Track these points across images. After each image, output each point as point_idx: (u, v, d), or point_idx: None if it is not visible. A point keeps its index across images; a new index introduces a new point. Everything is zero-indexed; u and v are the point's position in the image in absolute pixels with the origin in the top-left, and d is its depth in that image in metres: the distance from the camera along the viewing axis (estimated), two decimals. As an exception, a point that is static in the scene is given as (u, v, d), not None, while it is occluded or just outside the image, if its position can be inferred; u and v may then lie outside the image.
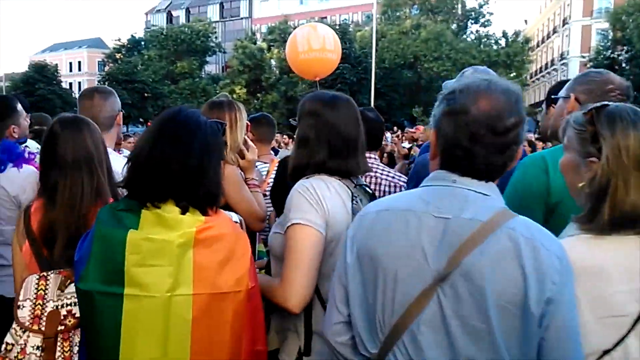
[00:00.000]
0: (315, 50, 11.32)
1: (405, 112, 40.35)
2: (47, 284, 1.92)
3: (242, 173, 2.74)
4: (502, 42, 38.94)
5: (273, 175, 3.43)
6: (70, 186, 1.99)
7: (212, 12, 62.91)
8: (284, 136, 16.40)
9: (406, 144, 10.39)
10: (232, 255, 1.67)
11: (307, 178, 1.93)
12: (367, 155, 2.75)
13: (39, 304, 1.90)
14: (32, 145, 3.08)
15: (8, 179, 2.75)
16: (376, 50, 27.39)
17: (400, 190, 2.71)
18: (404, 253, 1.41)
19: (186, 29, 49.03)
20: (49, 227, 1.98)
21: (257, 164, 3.30)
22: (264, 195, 2.99)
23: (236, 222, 2.03)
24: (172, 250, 1.59)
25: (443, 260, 1.35)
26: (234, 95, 42.63)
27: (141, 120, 44.63)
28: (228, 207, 2.46)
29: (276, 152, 11.66)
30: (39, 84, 41.70)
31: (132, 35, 53.16)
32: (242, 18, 62.02)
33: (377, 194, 2.69)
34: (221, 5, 63.20)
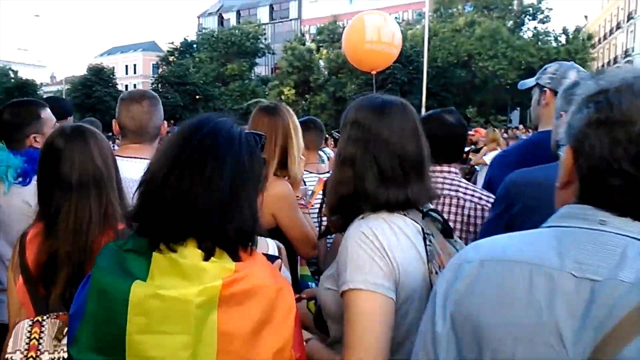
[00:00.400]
0: (384, 43, 10.53)
1: (459, 113, 39.13)
2: (42, 332, 1.54)
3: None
4: (562, 39, 37.06)
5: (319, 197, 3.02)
6: (75, 211, 1.61)
7: (262, 14, 63.35)
8: (331, 141, 15.96)
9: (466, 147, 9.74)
10: (271, 316, 1.20)
11: (362, 219, 1.47)
12: (447, 168, 2.26)
13: (32, 356, 1.52)
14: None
15: (32, 192, 2.42)
16: (428, 49, 26.53)
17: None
18: (526, 330, 0.90)
19: (236, 31, 49.55)
20: (48, 261, 1.60)
21: (304, 174, 2.88)
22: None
23: (275, 258, 1.59)
24: (189, 312, 1.13)
25: (589, 347, 0.84)
26: (282, 97, 42.69)
27: (192, 121, 45.42)
28: (274, 231, 2.05)
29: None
30: (96, 87, 43.14)
31: (184, 39, 54.34)
32: (291, 19, 62.16)
33: (457, 218, 2.18)
34: (271, 7, 63.56)
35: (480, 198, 2.22)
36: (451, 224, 2.17)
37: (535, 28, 38.57)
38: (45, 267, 1.60)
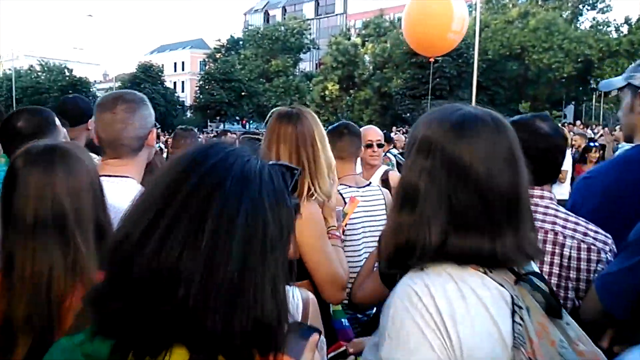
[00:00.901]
0: (458, 33, 10.07)
1: (510, 108, 37.55)
2: None
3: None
4: (624, 29, 34.85)
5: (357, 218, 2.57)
6: (32, 260, 1.17)
7: (308, 10, 63.07)
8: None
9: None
10: None
11: (418, 270, 1.02)
12: (540, 192, 1.71)
13: None
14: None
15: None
16: (479, 42, 25.45)
17: (600, 256, 1.60)
18: None
19: (281, 27, 49.49)
20: (2, 326, 1.18)
21: (339, 187, 2.42)
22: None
23: (311, 332, 1.09)
24: None
25: None
26: (326, 92, 42.30)
27: (237, 118, 45.68)
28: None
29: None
30: (144, 84, 44.01)
31: (231, 36, 54.79)
32: (337, 14, 61.57)
33: (554, 260, 1.61)
34: (316, 2, 63.18)
35: (585, 234, 1.64)
36: (545, 267, 1.62)
37: (594, 18, 36.47)
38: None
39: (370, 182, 2.76)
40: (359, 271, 2.21)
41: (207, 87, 43.10)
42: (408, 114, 35.27)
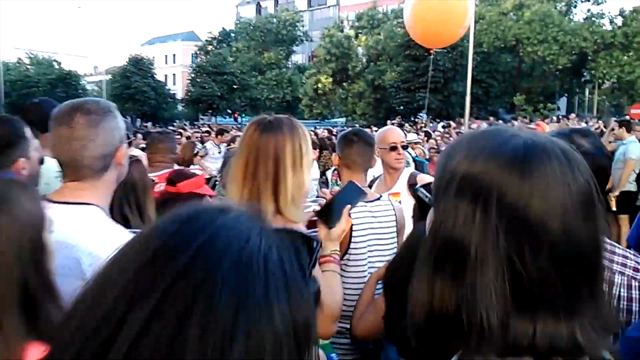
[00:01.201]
0: (466, 28, 10.38)
1: (504, 101, 37.34)
2: None
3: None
4: (618, 21, 34.63)
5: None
6: None
7: (300, 1, 62.46)
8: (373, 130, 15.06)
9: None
10: None
11: None
12: None
13: None
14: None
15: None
16: (473, 34, 25.14)
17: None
18: None
19: (273, 18, 48.95)
20: None
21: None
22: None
23: None
24: None
25: None
26: (319, 85, 41.90)
27: (229, 111, 45.20)
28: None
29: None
30: (135, 77, 43.40)
31: (222, 28, 54.20)
32: (329, 6, 61.03)
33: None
34: (309, -7, 62.66)
35: (636, 269, 1.36)
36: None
37: (588, 10, 36.18)
38: None
39: (380, 196, 2.46)
40: (358, 299, 1.94)
41: (198, 79, 42.55)
42: (402, 107, 34.99)
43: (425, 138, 11.80)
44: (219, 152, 9.41)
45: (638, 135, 7.67)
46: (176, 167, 5.03)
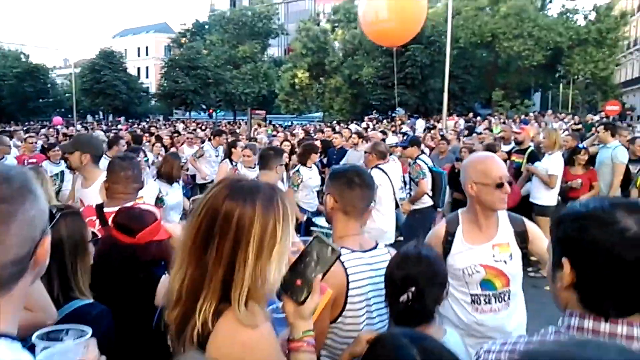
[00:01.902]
0: (388, 20, 11.02)
1: (480, 96, 37.37)
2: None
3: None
4: (592, 16, 34.89)
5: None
6: None
7: (276, -7, 61.57)
8: (349, 128, 14.60)
9: (506, 146, 8.36)
10: None
11: None
12: (626, 329, 1.14)
13: None
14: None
15: None
16: (450, 29, 24.94)
17: None
18: None
19: (248, 11, 48.02)
20: None
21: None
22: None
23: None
24: None
25: None
26: (296, 80, 41.32)
27: (203, 107, 44.25)
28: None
29: (326, 149, 9.89)
30: (105, 71, 42.11)
31: (196, 20, 53.04)
32: (305, -2, 60.34)
33: None
34: (284, -15, 61.77)
35: None
36: None
37: (563, 6, 36.37)
38: None
39: (376, 244, 2.10)
40: None
41: (171, 73, 41.44)
42: (379, 103, 34.70)
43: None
44: (217, 156, 8.75)
45: (621, 140, 7.45)
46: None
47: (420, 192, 6.02)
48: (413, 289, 1.68)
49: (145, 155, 7.00)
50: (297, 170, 6.33)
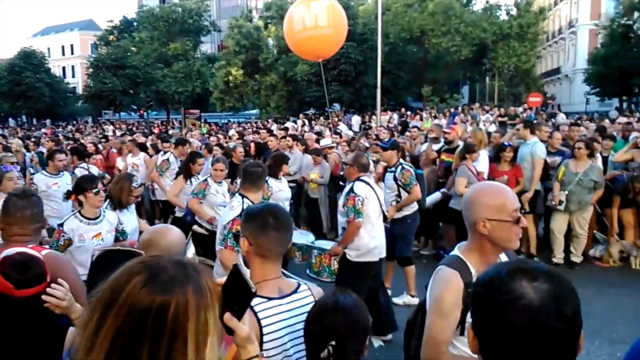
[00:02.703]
0: (309, 28, 10.79)
1: (412, 91, 38.31)
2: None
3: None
4: (514, 12, 36.60)
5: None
6: None
7: (206, -11, 60.21)
8: (286, 127, 14.57)
9: (435, 145, 8.64)
10: None
11: None
12: None
13: None
14: None
15: None
16: (381, 26, 25.34)
17: None
18: None
19: (178, 7, 46.67)
20: None
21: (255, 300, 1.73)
22: None
23: None
24: None
25: None
26: (230, 77, 40.67)
27: (134, 107, 42.67)
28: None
29: (262, 152, 9.69)
30: (25, 72, 39.67)
31: (123, 16, 51.00)
32: (237, -6, 59.46)
33: None
34: (215, -19, 60.54)
35: None
36: None
37: (487, 2, 37.88)
38: None
39: (298, 285, 1.98)
40: None
41: (98, 73, 39.58)
42: (314, 100, 34.81)
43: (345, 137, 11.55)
44: None
45: (541, 136, 7.86)
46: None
47: (413, 199, 5.95)
48: (333, 342, 1.57)
49: (104, 185, 5.99)
50: (266, 182, 5.92)
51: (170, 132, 21.01)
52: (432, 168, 8.18)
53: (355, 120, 24.98)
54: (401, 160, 6.23)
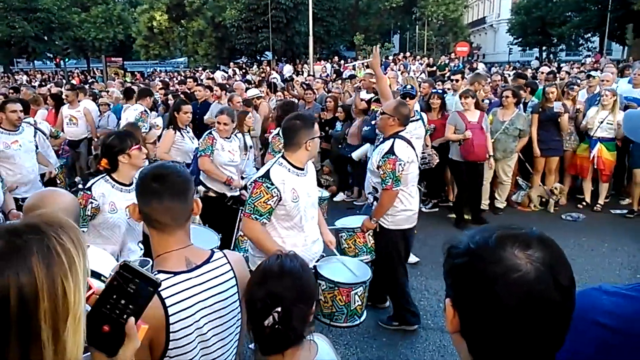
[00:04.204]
0: None
1: (345, 39, 37.98)
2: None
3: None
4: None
5: None
6: None
7: None
8: (214, 77, 13.95)
9: (364, 94, 8.62)
10: None
11: None
12: None
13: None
14: None
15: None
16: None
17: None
18: None
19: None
20: None
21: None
22: None
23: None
24: None
25: None
26: (154, 23, 38.47)
27: (49, 55, 39.48)
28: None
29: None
30: None
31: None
32: None
33: None
34: None
35: None
36: None
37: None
38: None
39: (210, 256, 1.73)
40: None
41: (6, 17, 35.90)
42: (245, 48, 33.73)
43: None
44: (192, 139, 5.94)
45: (478, 87, 7.93)
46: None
47: None
48: (278, 309, 1.46)
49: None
50: (278, 134, 5.23)
51: (90, 81, 19.68)
52: (364, 118, 8.17)
53: (288, 69, 24.49)
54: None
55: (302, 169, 3.14)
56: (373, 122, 7.25)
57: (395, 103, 4.15)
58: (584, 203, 7.37)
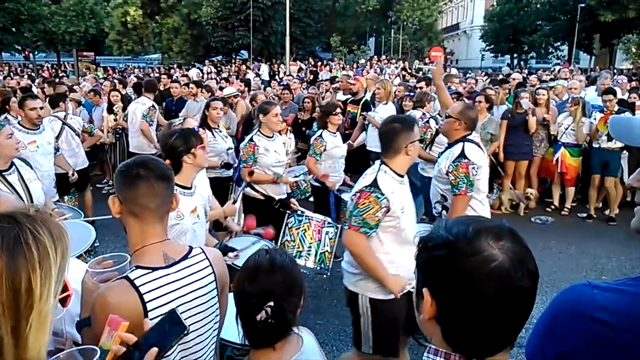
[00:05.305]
0: None
1: (322, 40, 38.09)
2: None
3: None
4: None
5: None
6: None
7: None
8: (188, 75, 13.78)
9: (340, 95, 8.69)
10: None
11: None
12: None
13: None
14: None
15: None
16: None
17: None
18: None
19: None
20: None
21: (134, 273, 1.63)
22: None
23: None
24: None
25: None
26: (128, 18, 37.84)
27: (18, 47, 38.40)
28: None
29: (165, 102, 9.07)
30: None
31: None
32: None
33: None
34: None
35: None
36: None
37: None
38: None
39: (190, 249, 1.77)
40: None
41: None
42: (221, 46, 33.49)
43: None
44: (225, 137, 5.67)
45: (453, 86, 8.13)
46: None
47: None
48: (271, 303, 1.49)
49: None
50: (320, 136, 5.20)
51: (62, 76, 19.21)
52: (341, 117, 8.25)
53: (264, 68, 24.42)
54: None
55: (403, 177, 2.94)
56: (366, 123, 7.34)
57: (462, 106, 3.92)
58: (553, 207, 7.58)
